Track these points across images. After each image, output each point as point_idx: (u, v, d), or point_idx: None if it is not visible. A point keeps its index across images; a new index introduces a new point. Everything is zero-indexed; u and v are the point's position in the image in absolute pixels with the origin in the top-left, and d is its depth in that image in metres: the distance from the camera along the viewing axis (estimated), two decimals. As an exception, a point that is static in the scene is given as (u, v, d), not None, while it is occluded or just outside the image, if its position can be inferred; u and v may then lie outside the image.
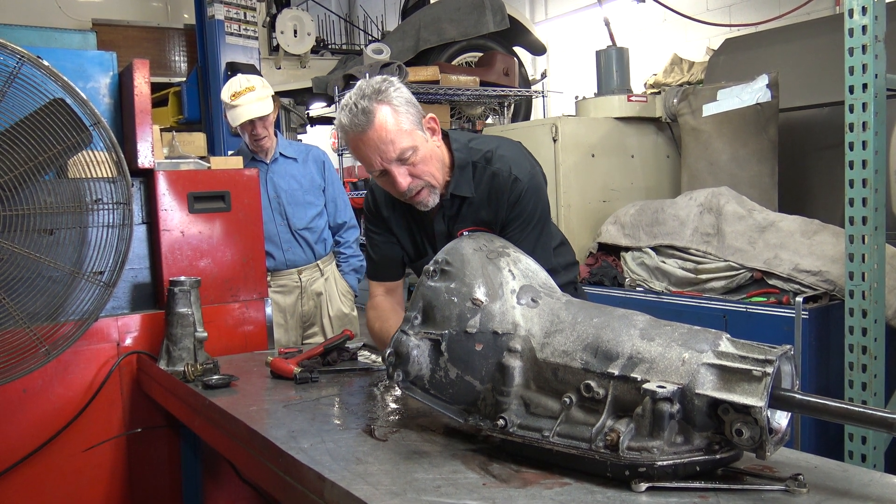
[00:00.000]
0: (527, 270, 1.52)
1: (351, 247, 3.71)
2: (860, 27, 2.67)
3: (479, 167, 1.95)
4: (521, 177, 1.92)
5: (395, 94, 1.80)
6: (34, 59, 2.13)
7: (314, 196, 3.54)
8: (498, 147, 1.98)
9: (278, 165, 3.51)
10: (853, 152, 2.74)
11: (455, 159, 1.95)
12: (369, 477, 1.34)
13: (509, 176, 1.92)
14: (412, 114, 1.82)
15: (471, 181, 1.95)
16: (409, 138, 1.80)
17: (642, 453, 1.20)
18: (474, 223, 1.97)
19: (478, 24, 6.26)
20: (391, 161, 1.80)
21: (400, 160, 1.80)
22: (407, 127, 1.80)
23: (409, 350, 1.44)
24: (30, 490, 2.41)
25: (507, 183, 1.91)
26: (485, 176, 1.94)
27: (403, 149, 1.79)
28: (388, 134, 1.77)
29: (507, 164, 1.93)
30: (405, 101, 1.82)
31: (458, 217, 2.00)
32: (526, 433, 1.34)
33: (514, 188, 1.91)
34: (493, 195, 1.94)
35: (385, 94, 1.79)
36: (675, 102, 4.32)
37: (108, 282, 2.31)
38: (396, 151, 1.79)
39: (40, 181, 2.20)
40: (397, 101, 1.80)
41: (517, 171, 1.92)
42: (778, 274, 3.29)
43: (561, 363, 1.34)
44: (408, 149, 1.80)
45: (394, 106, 1.79)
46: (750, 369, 1.18)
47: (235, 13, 5.53)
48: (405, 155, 1.80)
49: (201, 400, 2.00)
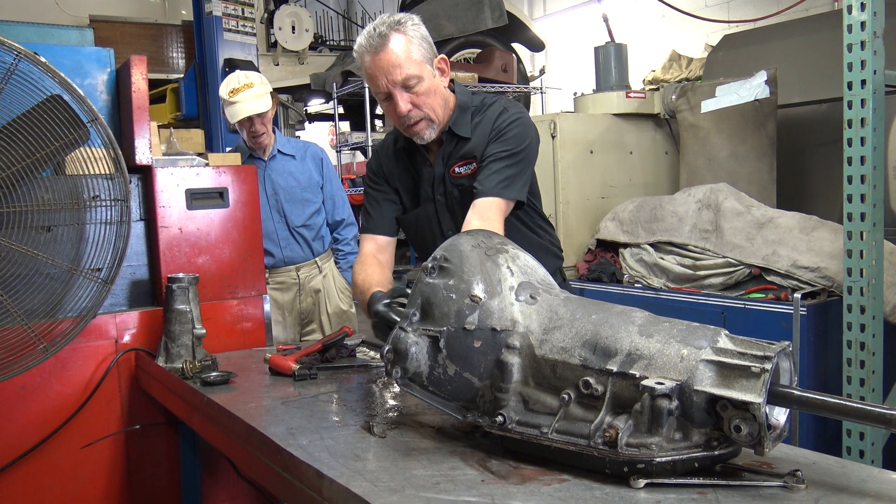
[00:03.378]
0: (525, 267, 1.52)
1: (349, 244, 3.70)
2: (859, 23, 2.67)
3: (477, 111, 2.11)
4: (512, 111, 2.07)
5: (412, 27, 1.95)
6: (31, 55, 2.12)
7: (312, 193, 3.53)
8: (500, 99, 2.14)
9: (276, 162, 3.50)
10: (852, 148, 2.74)
11: (458, 101, 2.10)
12: (368, 474, 1.33)
13: (500, 109, 2.08)
14: (425, 48, 1.97)
15: (469, 123, 2.09)
16: (416, 67, 1.94)
17: (641, 450, 1.20)
18: (465, 158, 2.10)
19: (476, 20, 6.25)
20: (396, 84, 1.93)
21: (404, 86, 1.94)
22: (417, 57, 1.94)
23: (407, 347, 1.43)
24: (28, 487, 2.41)
25: (496, 114, 2.07)
26: (482, 117, 2.09)
27: (409, 75, 1.93)
28: (398, 58, 1.91)
29: (501, 105, 2.10)
30: (420, 36, 1.96)
31: (453, 154, 2.12)
32: (524, 430, 1.34)
33: (502, 115, 2.06)
34: (483, 129, 2.08)
35: (403, 25, 1.94)
36: (673, 99, 4.31)
37: (106, 279, 2.30)
38: (402, 75, 1.92)
39: (38, 178, 2.19)
40: (413, 34, 1.94)
41: (512, 109, 2.08)
42: (776, 270, 3.30)
43: (559, 360, 1.33)
44: (413, 76, 1.93)
45: (409, 36, 1.93)
46: (748, 366, 1.18)
47: (233, 9, 5.51)
48: (410, 82, 1.94)
49: (200, 397, 2.00)
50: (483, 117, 2.09)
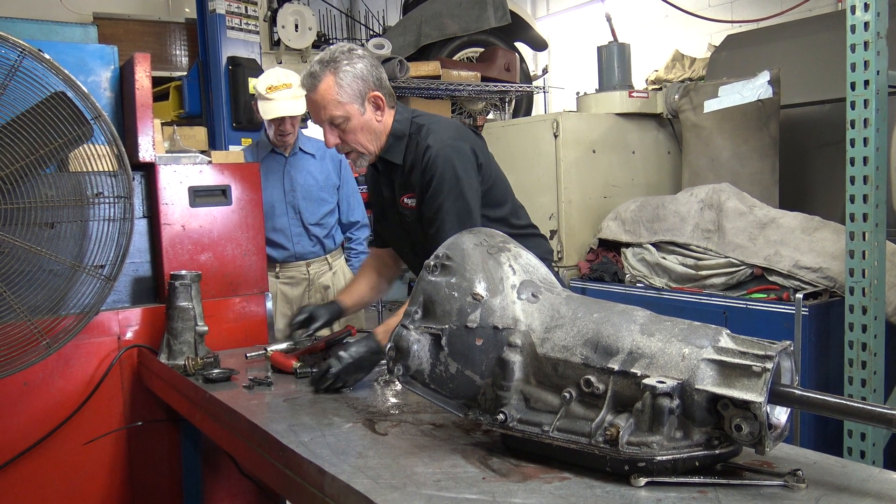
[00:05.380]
0: (527, 266, 1.52)
1: (362, 244, 3.78)
2: (862, 23, 2.66)
3: (412, 139, 2.18)
4: (432, 144, 2.11)
5: (345, 66, 2.04)
6: (35, 52, 2.13)
7: (328, 193, 3.59)
8: (434, 123, 2.19)
9: (296, 159, 3.57)
10: (854, 149, 2.74)
11: (393, 129, 2.18)
12: (369, 471, 1.34)
13: (424, 145, 2.13)
14: (356, 87, 2.06)
15: (401, 151, 2.18)
16: (341, 108, 2.06)
17: (642, 448, 1.20)
18: (409, 190, 2.19)
19: (479, 19, 6.24)
20: (322, 122, 2.10)
21: (331, 124, 2.09)
22: (343, 99, 2.05)
23: (409, 344, 1.43)
24: (30, 483, 2.41)
25: (422, 151, 2.13)
26: (414, 145, 2.17)
27: (333, 116, 2.07)
28: (323, 100, 2.05)
29: (427, 135, 2.14)
30: (353, 75, 2.05)
31: (399, 184, 2.21)
32: (526, 428, 1.34)
33: (425, 154, 2.12)
34: (415, 163, 2.16)
35: (337, 63, 2.04)
36: (676, 98, 4.31)
37: (109, 275, 2.31)
38: (326, 116, 2.07)
39: (41, 175, 2.20)
40: (344, 73, 2.04)
41: (431, 141, 2.12)
42: (778, 270, 3.29)
43: (561, 358, 1.34)
44: (338, 117, 2.07)
45: (338, 77, 2.04)
46: (749, 365, 1.18)
47: (237, 7, 5.51)
48: (336, 121, 2.08)
49: (202, 394, 2.01)
50: (415, 147, 2.16)
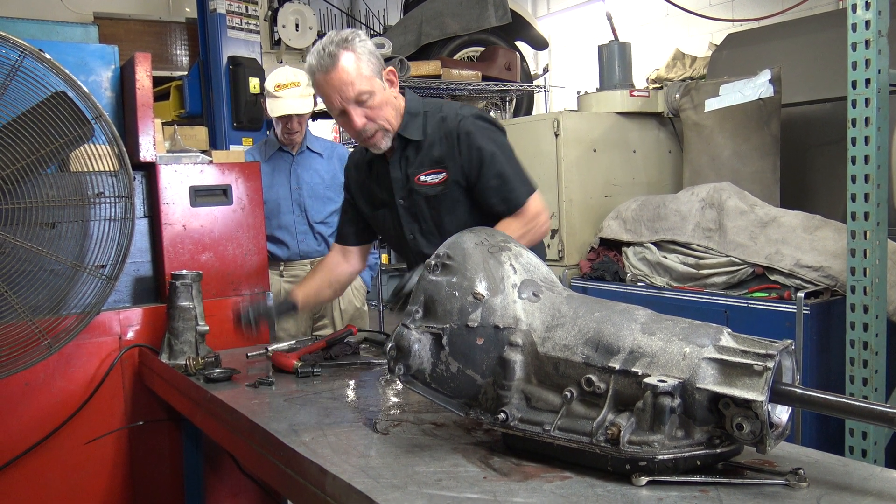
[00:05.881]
0: (528, 265, 1.52)
1: None
2: (863, 22, 2.66)
3: (429, 115, 2.18)
4: (465, 114, 2.15)
5: (359, 44, 2.02)
6: (36, 52, 2.13)
7: (335, 192, 3.61)
8: (449, 103, 2.21)
9: (303, 158, 3.59)
10: (855, 148, 2.73)
11: (407, 108, 2.17)
12: (370, 470, 1.34)
13: (456, 115, 2.14)
14: (373, 63, 2.04)
15: (420, 126, 2.16)
16: (367, 83, 2.01)
17: (643, 447, 1.20)
18: (429, 166, 2.17)
19: (480, 18, 6.24)
20: (349, 100, 2.02)
21: (357, 101, 2.02)
22: (366, 73, 2.02)
23: (410, 344, 1.43)
24: (32, 483, 2.41)
25: (456, 120, 2.14)
26: (434, 120, 2.17)
27: (361, 91, 2.01)
28: (349, 76, 1.99)
29: (452, 109, 2.17)
30: (368, 51, 2.03)
31: (413, 162, 2.19)
32: (527, 427, 1.34)
33: (462, 125, 2.13)
34: (443, 135, 2.14)
35: (350, 42, 2.01)
36: (677, 97, 4.31)
37: (110, 275, 2.31)
38: (355, 92, 2.00)
39: (42, 174, 2.20)
40: (361, 50, 2.01)
41: (462, 112, 2.16)
42: (779, 269, 3.29)
43: (562, 357, 1.34)
44: (365, 92, 2.01)
45: (357, 53, 2.01)
46: (751, 364, 1.18)
47: (237, 7, 5.51)
48: (362, 97, 2.02)
49: (203, 393, 2.01)
50: (438, 121, 2.15)
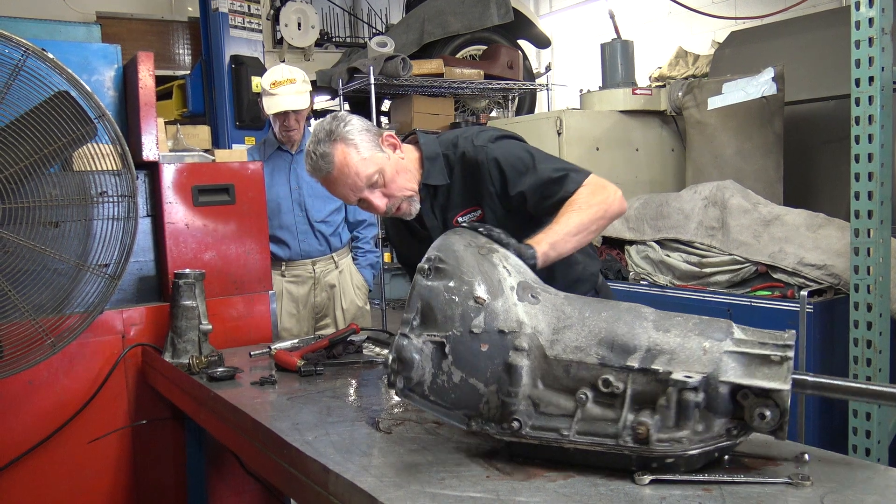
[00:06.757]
0: (518, 266, 1.47)
1: (368, 242, 3.77)
2: (867, 19, 2.65)
3: (449, 156, 2.04)
4: (482, 142, 2.00)
5: (345, 129, 1.88)
6: (39, 51, 2.13)
7: None
8: (461, 133, 2.08)
9: (303, 157, 3.55)
10: (859, 146, 2.73)
11: (424, 154, 2.03)
12: (374, 469, 1.34)
13: (474, 147, 1.99)
14: (367, 140, 1.90)
15: (443, 170, 2.03)
16: (371, 165, 1.88)
17: (672, 444, 1.20)
18: (462, 206, 2.04)
19: (482, 16, 6.24)
20: (362, 189, 1.90)
21: (370, 186, 1.90)
22: (366, 155, 1.88)
23: (411, 355, 1.33)
24: (35, 481, 2.42)
25: (476, 153, 1.99)
26: (455, 159, 2.03)
27: (368, 176, 1.88)
28: (351, 168, 1.87)
29: (468, 141, 2.02)
30: (357, 130, 1.90)
31: (446, 206, 2.06)
32: (542, 434, 1.30)
33: (485, 154, 1.98)
34: (469, 173, 2.01)
35: (337, 132, 1.88)
36: (680, 96, 4.30)
37: (113, 274, 2.31)
38: (363, 181, 1.88)
39: (45, 174, 2.20)
40: (350, 135, 1.88)
41: (478, 141, 2.01)
42: (783, 268, 3.28)
43: (574, 359, 1.31)
44: (373, 174, 1.89)
45: (347, 141, 1.87)
46: (769, 354, 1.21)
47: (239, 6, 5.52)
48: (373, 180, 1.89)
49: (206, 392, 2.01)
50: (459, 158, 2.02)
